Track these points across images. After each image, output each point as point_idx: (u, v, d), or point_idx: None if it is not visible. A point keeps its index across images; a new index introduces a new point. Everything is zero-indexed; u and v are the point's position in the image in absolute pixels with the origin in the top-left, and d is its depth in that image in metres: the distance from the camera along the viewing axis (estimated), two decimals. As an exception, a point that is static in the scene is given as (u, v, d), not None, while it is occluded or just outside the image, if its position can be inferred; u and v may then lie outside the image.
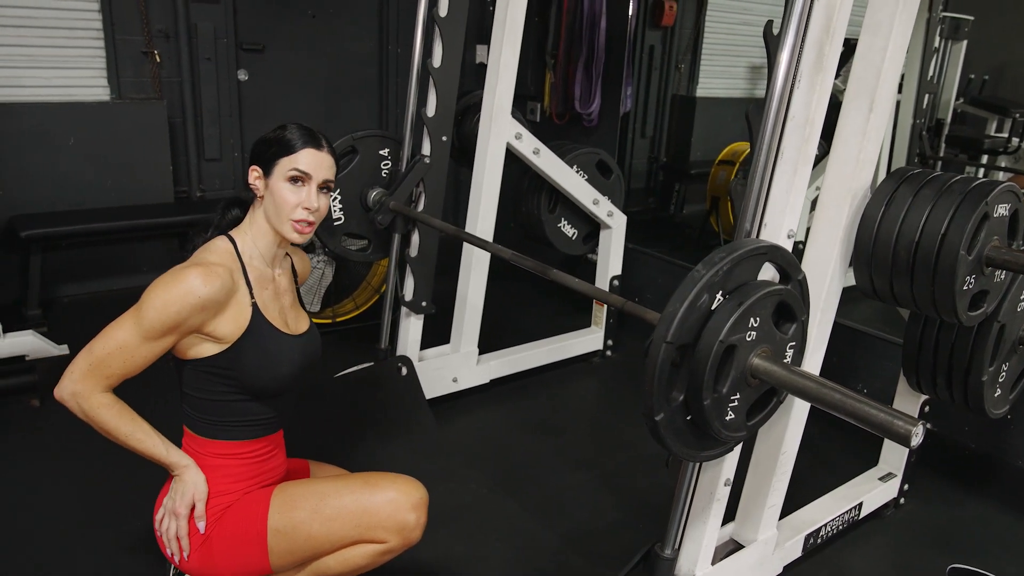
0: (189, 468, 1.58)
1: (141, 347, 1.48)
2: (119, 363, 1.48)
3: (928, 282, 1.67)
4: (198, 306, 1.48)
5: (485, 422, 3.01)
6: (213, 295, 1.49)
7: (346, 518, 1.59)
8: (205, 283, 1.48)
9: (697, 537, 1.84)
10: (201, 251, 1.61)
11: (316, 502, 1.60)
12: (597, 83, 4.28)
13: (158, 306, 1.46)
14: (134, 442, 1.52)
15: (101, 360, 1.47)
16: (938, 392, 2.14)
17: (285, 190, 1.59)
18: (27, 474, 2.44)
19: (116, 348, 1.48)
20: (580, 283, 1.95)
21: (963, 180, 1.69)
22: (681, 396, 1.46)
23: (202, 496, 1.59)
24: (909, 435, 1.27)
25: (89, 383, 1.48)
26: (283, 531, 1.59)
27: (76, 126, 3.76)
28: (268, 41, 4.29)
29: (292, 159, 1.59)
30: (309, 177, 1.60)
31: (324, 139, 1.65)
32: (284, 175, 1.58)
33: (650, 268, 4.07)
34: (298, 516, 1.59)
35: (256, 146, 1.64)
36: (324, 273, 3.57)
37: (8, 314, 3.23)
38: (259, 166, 1.61)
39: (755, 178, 1.61)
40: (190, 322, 1.49)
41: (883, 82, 1.66)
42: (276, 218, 1.61)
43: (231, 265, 1.57)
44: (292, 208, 1.59)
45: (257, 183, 1.62)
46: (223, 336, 1.54)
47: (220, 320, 1.53)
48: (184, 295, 1.46)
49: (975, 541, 2.40)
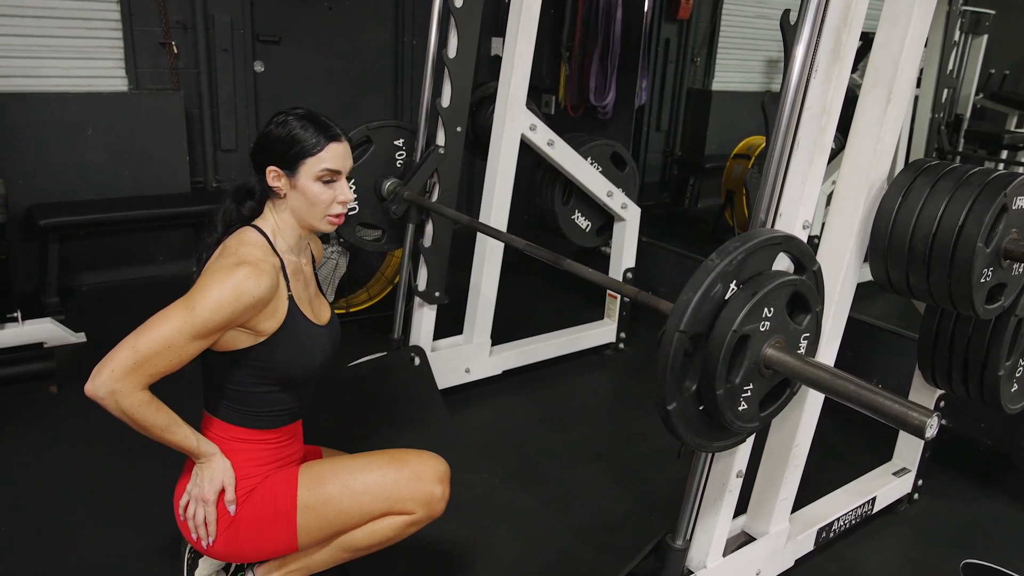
0: (216, 455, 1.59)
1: (189, 345, 1.45)
2: (165, 361, 1.43)
3: (945, 275, 1.66)
4: (251, 305, 1.47)
5: (497, 413, 3.02)
6: (265, 294, 1.49)
7: (375, 491, 1.62)
8: (258, 283, 1.47)
9: (709, 528, 1.84)
10: (238, 244, 1.56)
11: (345, 477, 1.63)
12: (612, 76, 4.27)
13: (211, 306, 1.43)
14: (168, 435, 1.50)
15: (148, 358, 1.42)
16: (954, 387, 2.12)
17: (317, 189, 1.57)
18: (45, 459, 2.47)
19: (165, 346, 1.42)
20: (594, 273, 1.94)
21: (981, 172, 1.67)
22: (694, 386, 1.46)
23: (231, 481, 1.60)
24: (924, 426, 1.26)
25: (131, 381, 1.41)
26: (313, 507, 1.61)
27: (94, 116, 3.80)
28: (284, 33, 4.31)
29: (319, 159, 1.56)
30: (339, 173, 1.60)
31: (335, 126, 1.60)
32: (313, 175, 1.56)
33: (664, 262, 4.06)
34: (328, 491, 1.62)
35: (268, 145, 1.57)
36: (338, 264, 3.58)
37: (27, 302, 3.26)
38: (279, 167, 1.56)
39: (771, 168, 1.60)
40: (239, 320, 1.49)
41: (901, 72, 1.65)
42: (310, 215, 1.60)
43: (272, 259, 1.56)
44: (328, 205, 1.60)
45: (279, 184, 1.57)
46: (264, 330, 1.54)
47: (263, 315, 1.53)
48: (239, 296, 1.45)
49: (989, 537, 2.38)
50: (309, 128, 1.56)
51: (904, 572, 2.20)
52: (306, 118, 1.58)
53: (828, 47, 1.57)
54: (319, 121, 1.58)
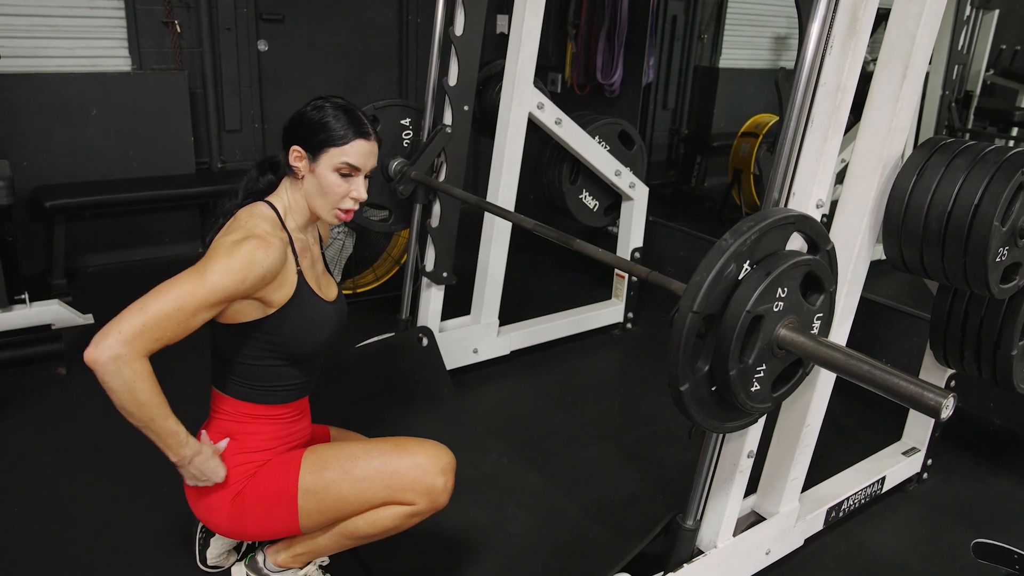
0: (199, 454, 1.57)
1: (196, 315, 1.44)
2: (172, 327, 1.42)
3: (960, 253, 1.64)
4: (260, 276, 1.48)
5: (505, 393, 3.02)
6: (273, 266, 1.50)
7: (375, 480, 1.61)
8: (266, 255, 1.48)
9: (719, 508, 1.84)
10: (248, 216, 1.58)
11: (346, 464, 1.63)
12: (619, 53, 4.22)
13: (220, 276, 1.45)
14: (160, 418, 1.47)
15: (156, 321, 1.40)
16: (965, 366, 2.11)
17: (333, 180, 1.58)
18: (54, 440, 2.48)
19: (174, 309, 1.41)
20: (604, 253, 1.93)
21: (998, 150, 1.65)
22: (706, 366, 1.45)
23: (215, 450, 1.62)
24: (939, 407, 1.25)
25: (136, 346, 1.38)
26: (313, 491, 1.61)
27: (98, 97, 3.77)
28: (288, 11, 4.27)
29: (342, 151, 1.57)
30: (359, 170, 1.60)
31: (368, 124, 1.62)
32: (332, 166, 1.57)
33: (671, 241, 4.04)
34: (329, 477, 1.62)
35: (299, 126, 1.59)
36: (345, 244, 3.57)
37: (34, 284, 3.26)
38: (302, 148, 1.58)
39: (784, 146, 1.58)
40: (248, 291, 1.49)
41: (917, 48, 1.62)
42: (320, 204, 1.61)
43: (280, 234, 1.57)
44: (340, 198, 1.61)
45: (299, 164, 1.59)
46: (272, 302, 1.55)
47: (272, 287, 1.54)
48: (248, 265, 1.46)
49: (999, 516, 2.38)
50: (342, 119, 1.58)
51: (913, 551, 2.21)
52: (342, 108, 1.60)
53: (844, 23, 1.55)
54: (354, 115, 1.60)
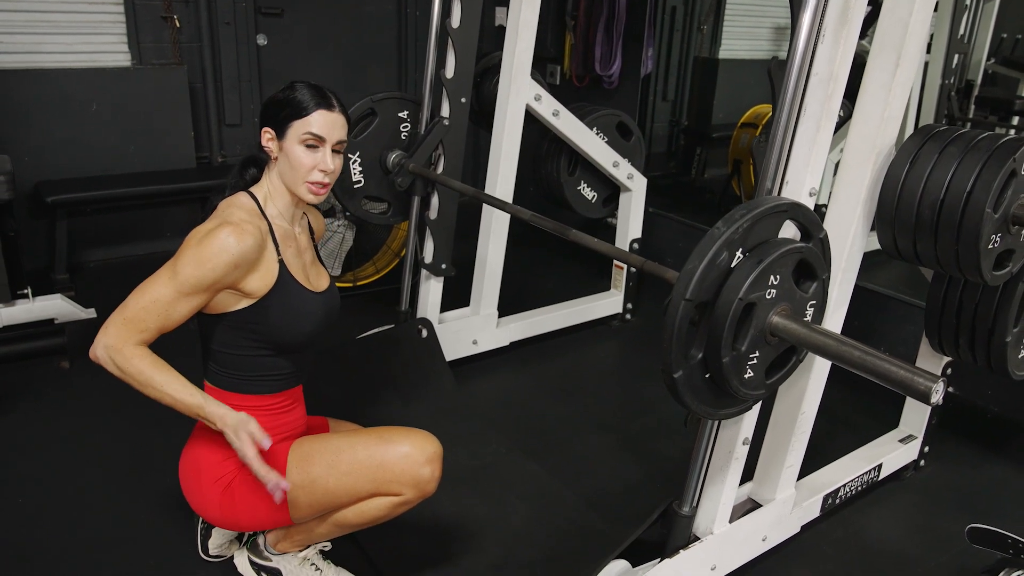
0: (227, 415, 1.53)
1: (177, 303, 1.50)
2: (154, 318, 1.49)
3: (953, 241, 1.65)
4: (232, 263, 1.50)
5: (505, 384, 3.04)
6: (247, 252, 1.52)
7: (361, 472, 1.62)
8: (239, 241, 1.51)
9: (715, 495, 1.86)
10: (226, 206, 1.61)
11: (332, 457, 1.64)
12: (618, 45, 4.22)
13: (193, 263, 1.49)
14: (171, 390, 1.48)
15: (135, 315, 1.49)
16: (961, 353, 2.12)
17: (300, 153, 1.60)
18: (58, 433, 2.50)
19: (151, 302, 1.49)
20: (599, 243, 1.94)
21: (990, 137, 1.66)
22: (700, 354, 1.46)
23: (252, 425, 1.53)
24: (929, 391, 1.27)
25: (122, 336, 1.48)
26: (301, 485, 1.63)
27: (98, 92, 3.78)
28: (287, 5, 4.27)
29: (305, 122, 1.59)
30: (323, 140, 1.61)
31: (335, 97, 1.65)
32: (298, 138, 1.60)
33: (671, 232, 4.05)
34: (315, 471, 1.63)
35: (266, 107, 1.64)
36: (344, 237, 3.59)
37: (37, 279, 3.28)
38: (271, 128, 1.62)
39: (777, 135, 1.59)
40: (224, 279, 1.52)
41: (910, 36, 1.63)
42: (291, 180, 1.63)
43: (258, 223, 1.59)
44: (308, 171, 1.62)
45: (270, 145, 1.63)
46: (253, 291, 1.57)
47: (251, 276, 1.56)
48: (218, 252, 1.49)
49: (995, 503, 2.40)
50: (305, 93, 1.61)
51: (910, 538, 2.22)
52: (308, 85, 1.63)
53: (836, 12, 1.55)
54: (319, 89, 1.63)
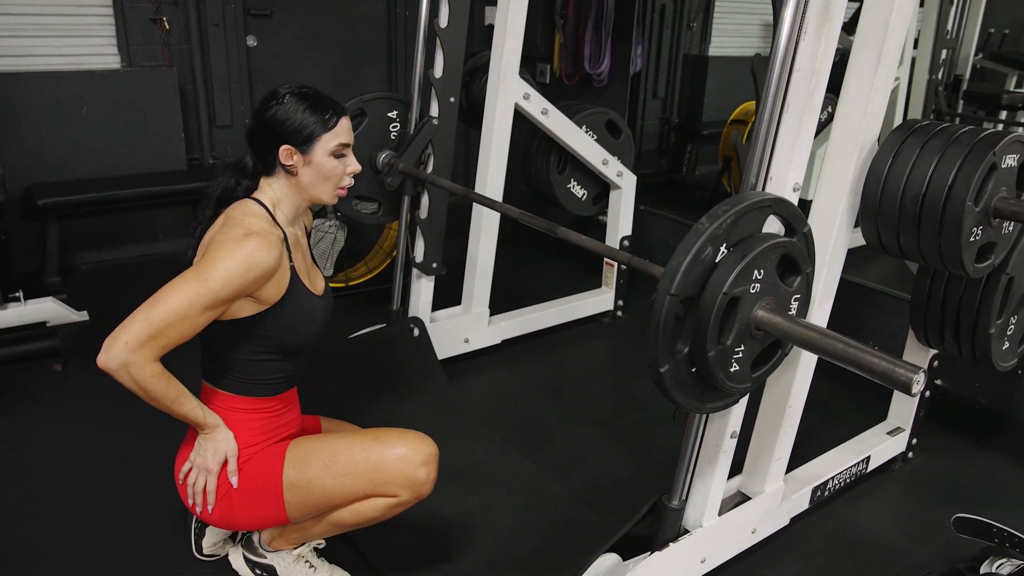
0: (220, 427, 1.63)
1: (201, 316, 1.48)
2: (178, 332, 1.46)
3: (935, 234, 1.67)
4: (261, 276, 1.51)
5: (497, 381, 3.05)
6: (273, 264, 1.53)
7: (357, 473, 1.64)
8: (268, 254, 1.51)
9: (704, 488, 1.87)
10: (243, 214, 1.59)
11: (328, 458, 1.65)
12: (607, 43, 4.23)
13: (224, 277, 1.47)
14: (176, 406, 1.53)
15: (161, 330, 1.44)
16: (946, 345, 2.14)
17: (332, 164, 1.64)
18: (51, 436, 2.51)
19: (178, 318, 1.45)
20: (586, 240, 1.96)
21: (971, 131, 1.67)
22: (686, 348, 1.48)
23: (234, 452, 1.64)
24: (910, 382, 1.28)
25: (145, 352, 1.44)
26: (298, 486, 1.64)
27: (88, 94, 3.78)
28: (276, 6, 4.27)
29: (334, 134, 1.62)
30: (349, 146, 1.67)
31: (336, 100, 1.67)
32: (328, 151, 1.62)
33: (662, 229, 4.07)
34: (311, 472, 1.64)
35: (278, 125, 1.59)
36: (336, 238, 3.60)
37: (28, 282, 3.28)
38: (292, 145, 1.60)
39: (760, 131, 1.61)
40: (249, 290, 1.52)
41: (891, 32, 1.64)
42: (321, 189, 1.66)
43: (276, 231, 1.60)
44: (340, 178, 1.67)
45: (292, 160, 1.62)
46: (268, 298, 1.58)
47: (269, 284, 1.56)
48: (249, 267, 1.49)
49: (982, 494, 2.42)
50: (319, 106, 1.62)
51: (898, 528, 2.25)
52: (310, 96, 1.63)
53: (817, 9, 1.57)
54: (324, 97, 1.64)
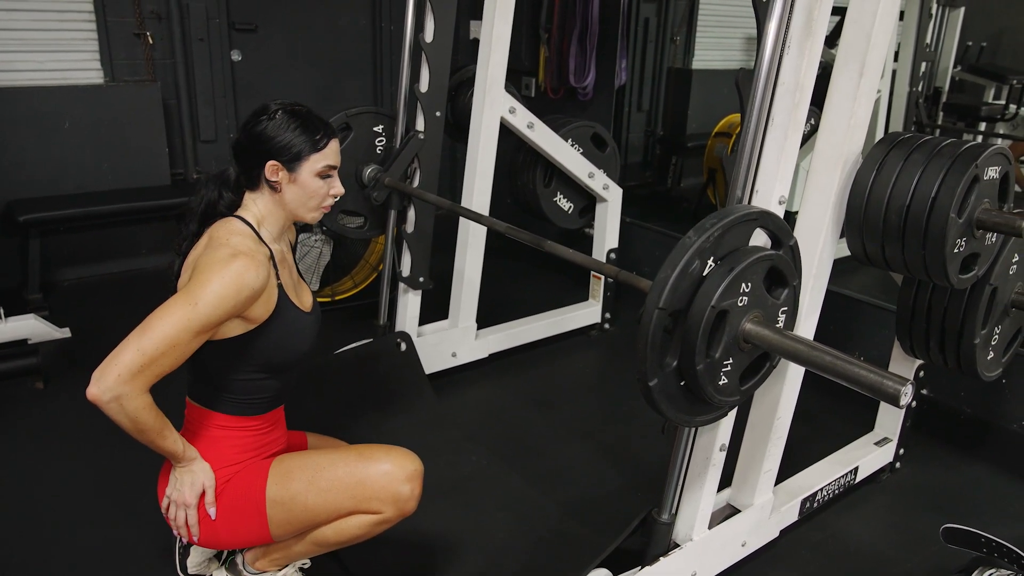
0: (197, 460, 1.61)
1: (192, 341, 1.45)
2: (170, 360, 1.43)
3: (919, 246, 1.69)
4: (250, 296, 1.50)
5: (485, 395, 3.04)
6: (261, 284, 1.51)
7: (341, 490, 1.62)
8: (257, 274, 1.49)
9: (694, 501, 1.87)
10: (228, 234, 1.57)
11: (312, 474, 1.63)
12: (592, 56, 4.26)
13: (214, 300, 1.44)
14: (160, 439, 1.50)
15: (154, 359, 1.40)
16: (931, 356, 2.15)
17: (317, 184, 1.64)
18: (32, 455, 2.47)
19: (170, 345, 1.41)
20: (573, 253, 1.96)
21: (953, 143, 1.69)
22: (674, 362, 1.48)
23: (211, 484, 1.62)
24: (898, 395, 1.29)
25: (138, 383, 1.40)
26: (280, 502, 1.62)
27: (71, 110, 3.75)
28: (260, 20, 4.27)
29: (323, 155, 1.62)
30: (336, 168, 1.67)
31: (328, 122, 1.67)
32: (315, 171, 1.62)
33: (647, 241, 4.08)
34: (294, 488, 1.62)
35: (267, 141, 1.59)
36: (322, 252, 3.58)
37: (9, 299, 3.24)
38: (279, 162, 1.59)
39: (746, 144, 1.62)
40: (239, 311, 1.50)
41: (873, 46, 1.66)
42: (303, 207, 1.65)
43: (263, 249, 1.59)
44: (323, 198, 1.67)
45: (278, 176, 1.61)
46: (256, 318, 1.56)
47: (257, 304, 1.54)
48: (239, 288, 1.47)
49: (969, 503, 2.43)
50: (310, 126, 1.61)
51: (887, 539, 2.25)
52: (301, 115, 1.62)
53: (800, 23, 1.59)
54: (315, 117, 1.65)
